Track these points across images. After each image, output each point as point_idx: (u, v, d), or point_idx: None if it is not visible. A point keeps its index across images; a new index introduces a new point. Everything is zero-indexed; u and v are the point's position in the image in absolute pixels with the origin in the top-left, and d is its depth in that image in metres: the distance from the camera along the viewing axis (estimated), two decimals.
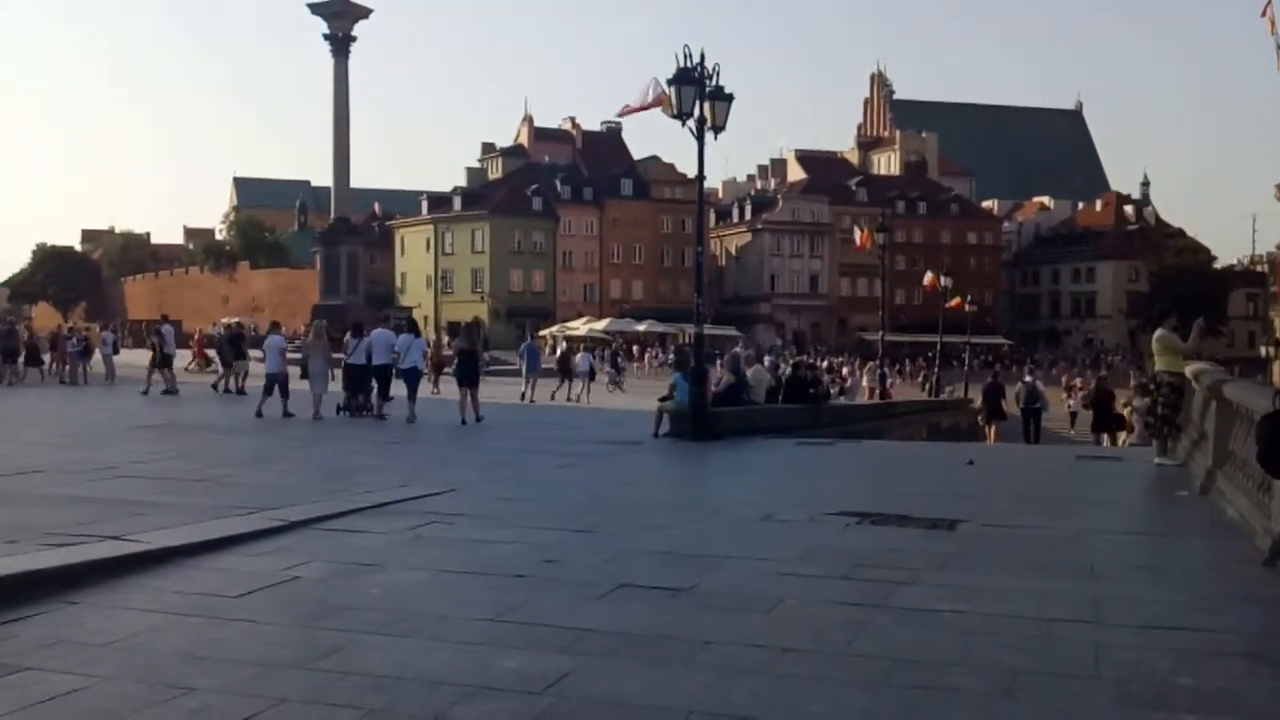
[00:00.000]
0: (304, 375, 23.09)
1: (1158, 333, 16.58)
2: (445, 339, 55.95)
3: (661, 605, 7.26)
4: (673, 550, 9.20)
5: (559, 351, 43.10)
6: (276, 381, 22.69)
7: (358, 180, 64.17)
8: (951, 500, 12.81)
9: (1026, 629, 6.80)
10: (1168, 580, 8.60)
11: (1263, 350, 64.81)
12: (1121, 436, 27.72)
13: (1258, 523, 9.69)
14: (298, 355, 25.61)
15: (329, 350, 23.89)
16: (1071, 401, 43.95)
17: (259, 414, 22.18)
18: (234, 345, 31.60)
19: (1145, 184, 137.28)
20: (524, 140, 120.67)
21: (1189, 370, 16.20)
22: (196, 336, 49.22)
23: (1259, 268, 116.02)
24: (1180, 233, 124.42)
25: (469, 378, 22.59)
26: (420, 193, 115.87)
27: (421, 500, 11.74)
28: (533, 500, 12.35)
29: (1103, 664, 6.09)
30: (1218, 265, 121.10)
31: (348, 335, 23.92)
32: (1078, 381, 51.28)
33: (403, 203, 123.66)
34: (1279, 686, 5.82)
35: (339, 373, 23.62)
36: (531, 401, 32.99)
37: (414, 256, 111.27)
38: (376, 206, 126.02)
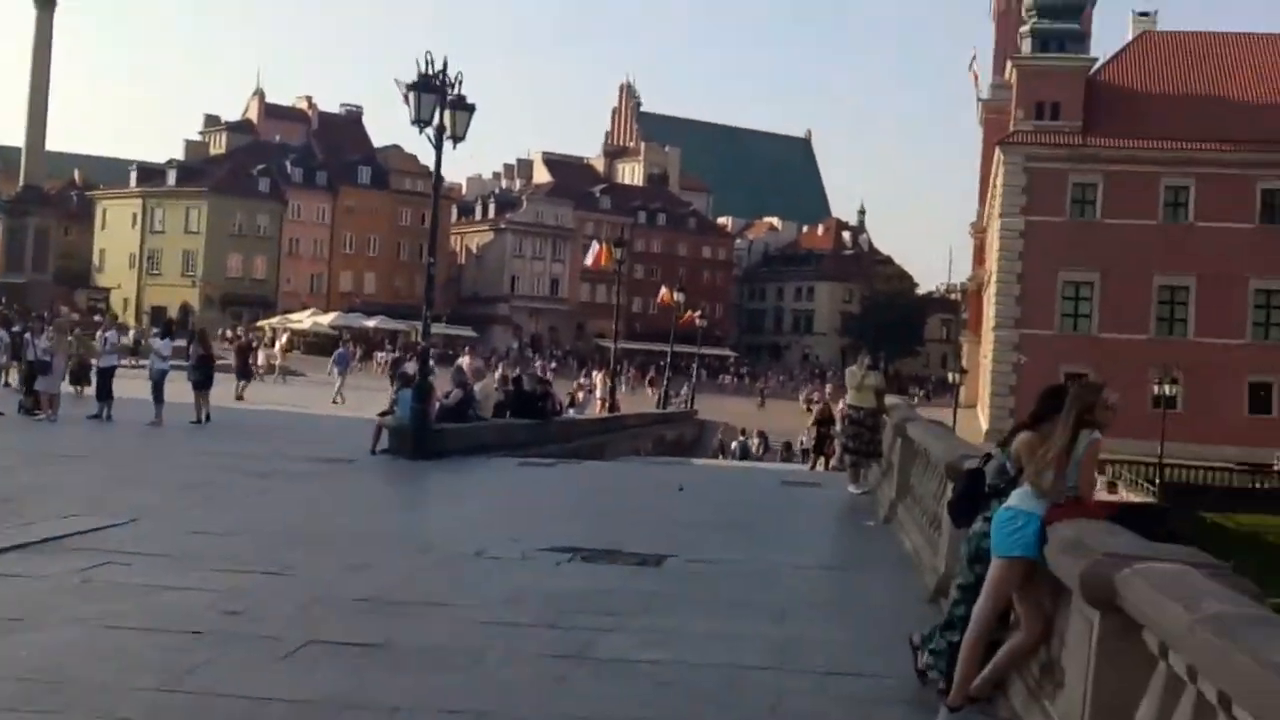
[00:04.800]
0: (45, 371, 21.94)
1: (849, 368, 17.40)
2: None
3: (353, 665, 6.91)
4: (375, 594, 8.89)
5: (239, 345, 41.29)
6: None
7: (56, 143, 59.17)
8: (662, 531, 13.04)
9: (716, 679, 6.98)
10: (850, 619, 9.04)
11: (950, 376, 69.06)
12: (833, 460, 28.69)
13: (928, 559, 10.15)
14: None
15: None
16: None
17: None
18: None
19: (862, 212, 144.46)
20: (254, 116, 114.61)
21: (889, 402, 17.04)
22: None
23: (953, 296, 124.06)
24: (889, 260, 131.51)
25: (205, 382, 23.15)
26: (130, 162, 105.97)
27: (95, 534, 10.45)
28: (225, 533, 11.40)
29: (779, 715, 6.24)
30: (919, 291, 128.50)
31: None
32: (815, 395, 53.05)
33: (109, 171, 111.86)
34: None
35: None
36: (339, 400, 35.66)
37: (117, 232, 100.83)
38: (76, 174, 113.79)
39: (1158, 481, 43.60)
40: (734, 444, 46.35)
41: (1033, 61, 60.50)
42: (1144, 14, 66.95)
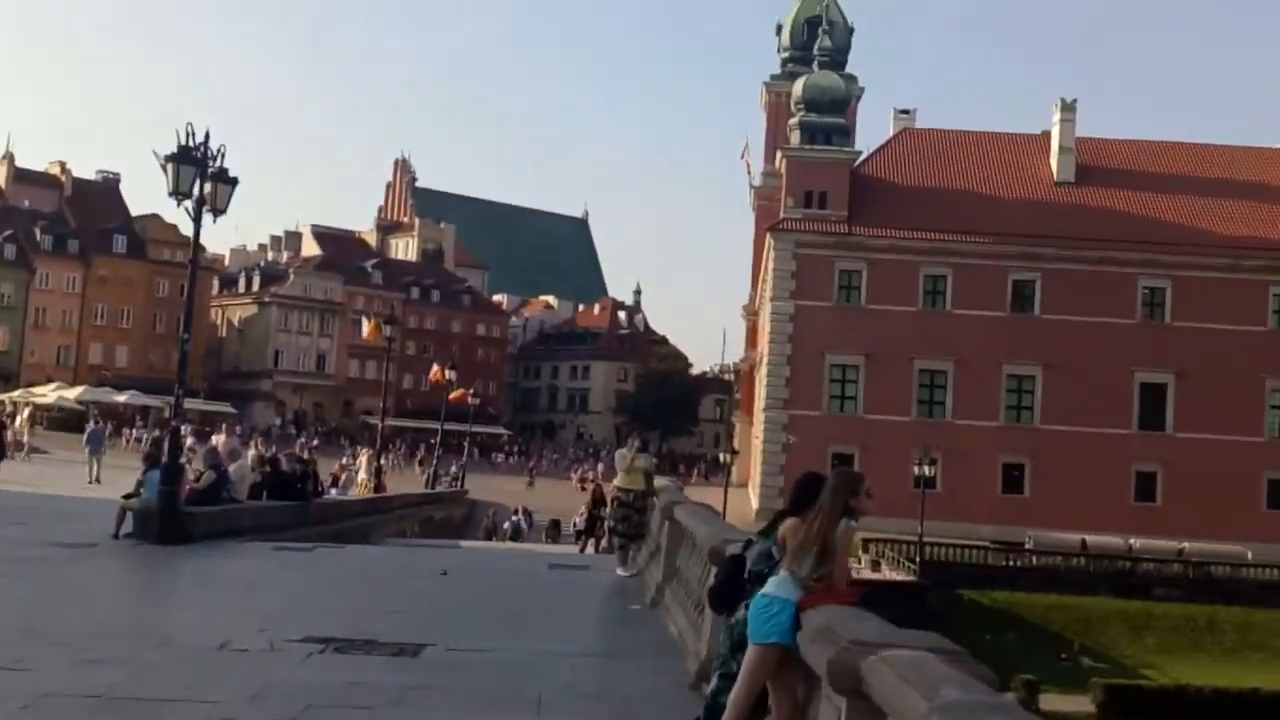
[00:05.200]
0: None
1: (619, 451, 17.45)
2: None
3: None
4: (107, 692, 8.24)
5: None
6: None
7: None
8: (422, 618, 12.66)
9: None
10: (611, 709, 8.87)
11: (722, 457, 70.48)
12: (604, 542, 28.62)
13: (691, 643, 10.09)
14: None
15: None
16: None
17: None
18: None
19: (638, 293, 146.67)
20: (1, 181, 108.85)
21: (658, 484, 17.08)
22: None
23: (727, 376, 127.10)
24: (664, 340, 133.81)
25: None
26: None
27: None
28: None
29: None
30: (694, 371, 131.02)
31: None
32: (590, 475, 52.99)
33: None
34: None
35: None
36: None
37: None
38: None
39: (918, 560, 45.04)
40: (506, 523, 45.86)
41: (800, 153, 62.79)
42: (904, 111, 70.52)
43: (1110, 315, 57.78)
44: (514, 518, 46.87)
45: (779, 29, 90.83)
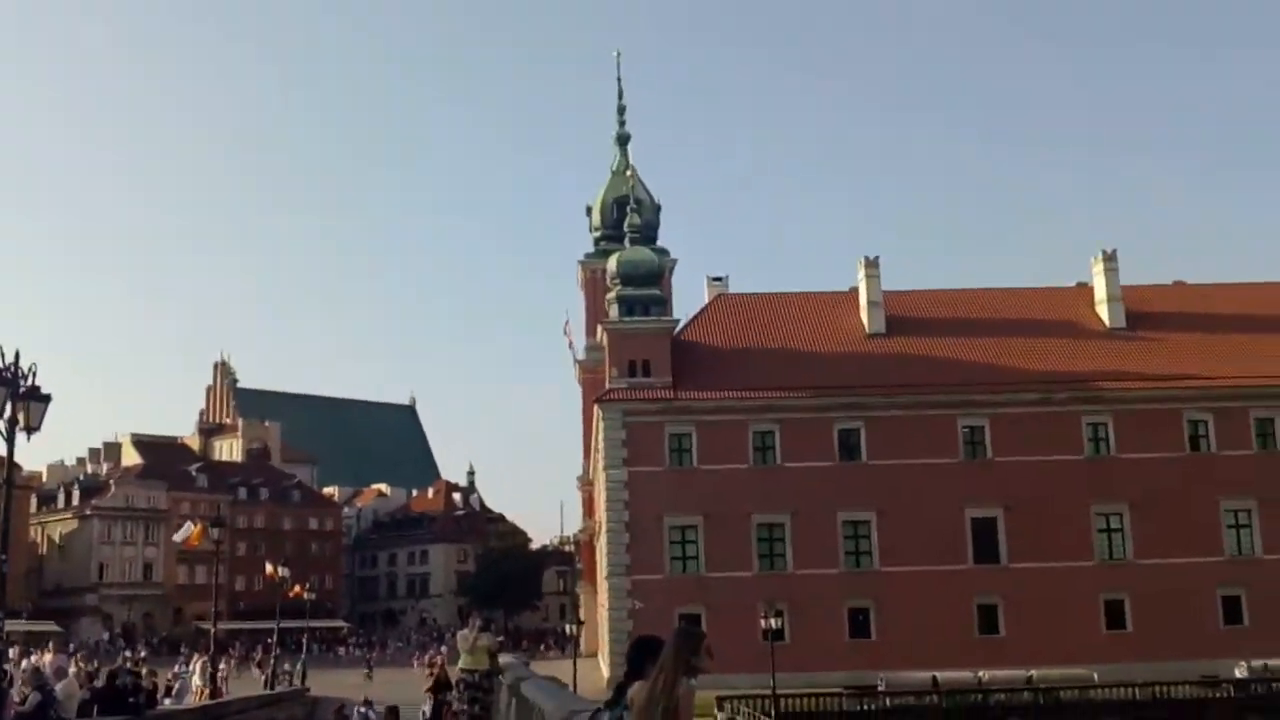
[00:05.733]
0: None
1: (461, 632, 17.27)
2: None
3: None
4: None
5: None
6: None
7: None
8: None
9: None
10: None
11: (568, 628, 69.75)
12: None
13: None
14: None
15: None
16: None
17: None
18: None
19: (471, 473, 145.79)
20: None
21: (503, 661, 16.85)
22: None
23: (567, 548, 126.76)
24: (501, 518, 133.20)
25: None
26: None
27: None
28: None
29: None
30: (534, 546, 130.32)
31: None
32: (436, 659, 51.34)
33: None
34: None
35: None
36: None
37: None
38: None
39: (773, 713, 44.82)
40: (354, 714, 44.03)
41: (620, 325, 63.87)
42: (717, 279, 72.61)
43: (935, 456, 59.45)
44: (361, 709, 45.07)
45: (589, 210, 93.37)
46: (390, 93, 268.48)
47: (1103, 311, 66.08)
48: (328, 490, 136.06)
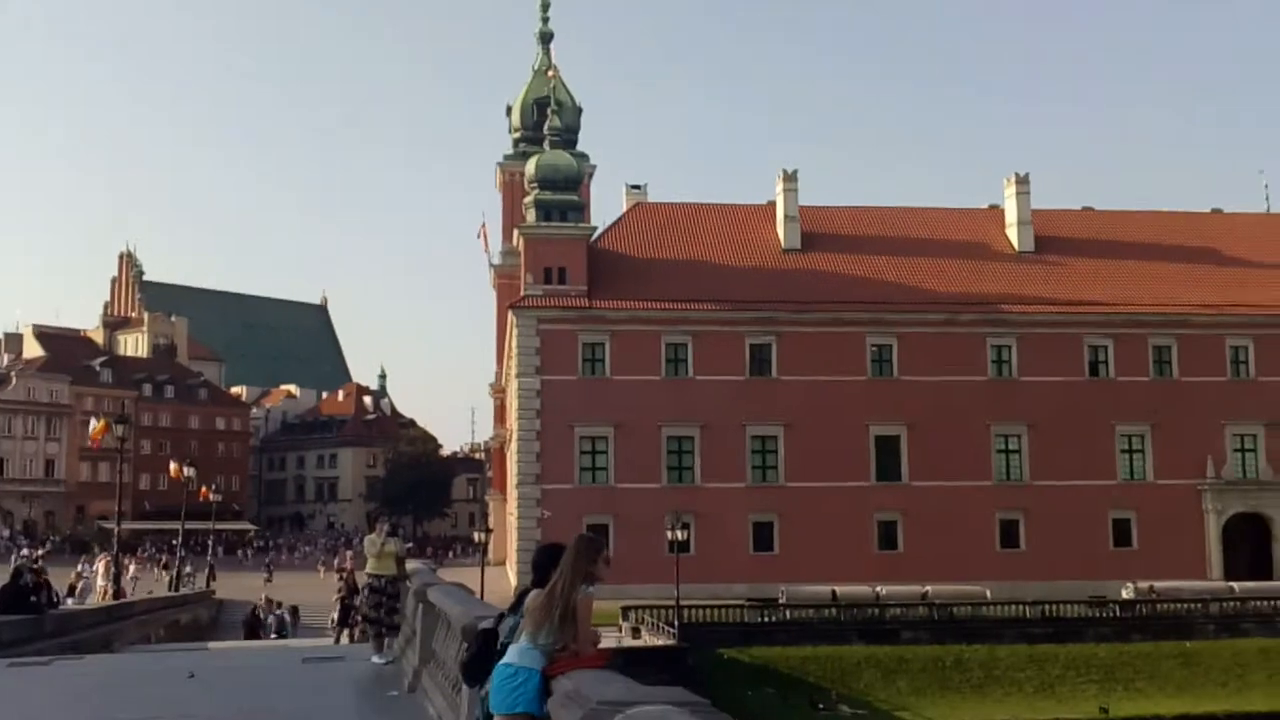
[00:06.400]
0: None
1: (368, 537, 17.38)
2: None
3: None
4: None
5: None
6: None
7: None
8: None
9: None
10: None
11: (477, 536, 70.19)
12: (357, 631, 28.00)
13: None
14: None
15: None
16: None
17: None
18: None
19: (383, 377, 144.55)
20: None
21: (410, 567, 16.99)
22: None
23: (478, 455, 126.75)
24: (412, 423, 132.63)
25: None
26: None
27: None
28: None
29: None
30: (445, 453, 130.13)
31: None
32: (343, 564, 51.27)
33: None
34: None
35: None
36: None
37: None
38: None
39: (677, 623, 45.67)
40: (270, 618, 44.07)
41: (537, 230, 63.50)
42: (635, 186, 72.36)
43: (843, 373, 60.35)
44: (277, 612, 45.12)
45: (509, 110, 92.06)
46: None
47: (1012, 235, 67.10)
48: (235, 390, 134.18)
